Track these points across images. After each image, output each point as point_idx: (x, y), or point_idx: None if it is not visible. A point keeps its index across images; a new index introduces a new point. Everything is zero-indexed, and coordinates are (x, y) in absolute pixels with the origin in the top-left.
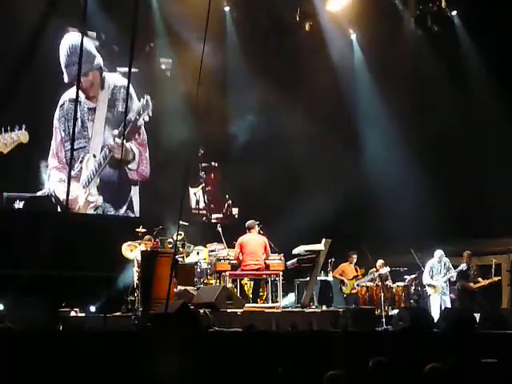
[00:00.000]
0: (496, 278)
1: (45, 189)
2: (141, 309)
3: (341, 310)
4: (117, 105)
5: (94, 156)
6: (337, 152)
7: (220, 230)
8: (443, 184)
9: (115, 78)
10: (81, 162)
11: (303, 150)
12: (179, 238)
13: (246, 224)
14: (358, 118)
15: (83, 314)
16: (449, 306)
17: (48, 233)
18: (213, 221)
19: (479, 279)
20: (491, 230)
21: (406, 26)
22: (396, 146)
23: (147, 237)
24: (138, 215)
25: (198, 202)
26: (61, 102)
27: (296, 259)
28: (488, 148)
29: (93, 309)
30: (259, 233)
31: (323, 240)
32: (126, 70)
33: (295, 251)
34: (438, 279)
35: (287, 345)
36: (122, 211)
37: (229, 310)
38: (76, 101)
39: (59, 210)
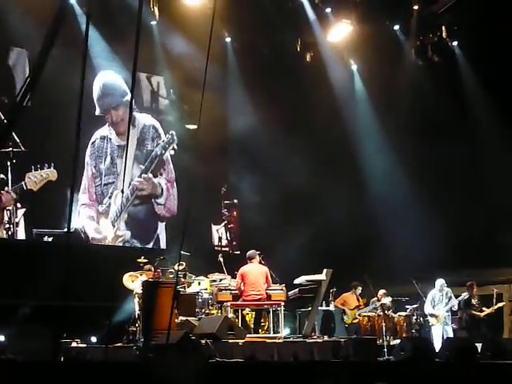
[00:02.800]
0: (501, 304)
1: (75, 225)
2: (142, 339)
3: (342, 340)
4: (146, 144)
5: (122, 191)
6: (339, 182)
7: (221, 260)
8: (444, 215)
9: (145, 118)
10: (109, 197)
11: (305, 180)
12: (181, 268)
13: (247, 254)
14: (360, 149)
15: (84, 345)
16: (451, 335)
17: (51, 263)
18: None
19: (483, 308)
20: (492, 259)
21: (406, 56)
22: (398, 176)
23: (148, 267)
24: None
25: (220, 239)
26: (92, 140)
27: (297, 289)
28: (489, 177)
29: (94, 339)
30: (260, 263)
31: (325, 270)
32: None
33: (297, 281)
34: (439, 309)
35: (289, 375)
36: (149, 246)
37: (230, 341)
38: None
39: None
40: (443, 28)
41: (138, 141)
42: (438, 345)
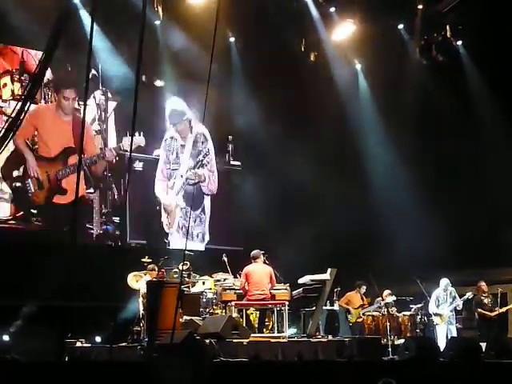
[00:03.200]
0: None
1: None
2: (146, 339)
3: (347, 339)
4: (198, 145)
5: (181, 176)
6: (342, 182)
7: (226, 259)
8: (449, 213)
9: (199, 127)
10: (175, 178)
11: (309, 179)
12: (185, 267)
13: (252, 254)
14: (363, 148)
15: (89, 345)
16: (455, 335)
17: (55, 263)
18: None
19: (496, 308)
20: (497, 259)
21: (410, 55)
22: (402, 175)
23: (152, 266)
24: (208, 219)
25: None
26: (165, 138)
27: (302, 289)
28: (491, 176)
29: (98, 339)
30: (265, 262)
31: (329, 270)
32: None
33: (301, 281)
34: (443, 308)
35: (293, 375)
36: (197, 212)
37: (235, 340)
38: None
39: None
40: (447, 27)
41: (193, 142)
42: (442, 344)
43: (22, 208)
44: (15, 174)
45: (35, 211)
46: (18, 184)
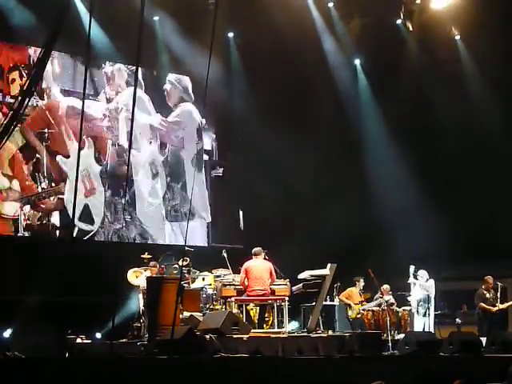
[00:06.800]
0: None
1: None
2: (147, 335)
3: (347, 334)
4: None
5: None
6: (342, 177)
7: (225, 255)
8: (449, 209)
9: None
10: None
11: (309, 175)
12: (185, 263)
13: (253, 250)
14: (364, 145)
15: (89, 341)
16: (432, 328)
17: (54, 260)
18: None
19: (497, 304)
20: (497, 253)
21: (409, 49)
22: (403, 170)
23: (153, 263)
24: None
25: None
26: None
27: (302, 284)
28: (492, 169)
29: (99, 335)
30: (264, 258)
31: (329, 265)
32: None
33: (301, 276)
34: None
35: (293, 370)
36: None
37: (235, 336)
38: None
39: None
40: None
41: None
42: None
43: None
44: None
45: None
46: None
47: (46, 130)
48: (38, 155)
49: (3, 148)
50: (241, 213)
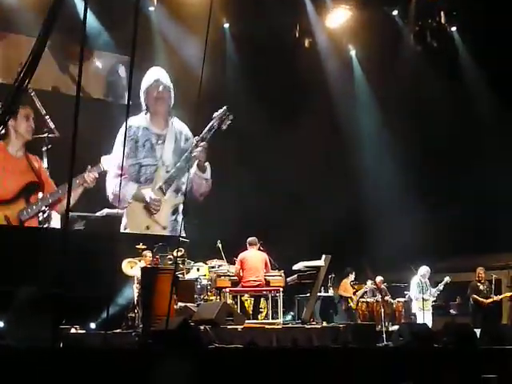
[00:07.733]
0: (508, 294)
1: None
2: (141, 326)
3: (341, 326)
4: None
5: None
6: (336, 169)
7: (220, 246)
8: (443, 199)
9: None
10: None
11: (303, 167)
12: (179, 254)
13: (248, 240)
14: (358, 136)
15: (83, 331)
16: (430, 321)
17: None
18: None
19: (491, 295)
20: (491, 245)
21: (405, 41)
22: (395, 163)
23: (147, 253)
24: None
25: None
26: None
27: (296, 275)
28: (486, 161)
29: (93, 326)
30: (259, 249)
31: (323, 256)
32: None
33: (295, 267)
34: (427, 294)
35: (288, 361)
36: None
37: (229, 327)
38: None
39: None
40: (442, 13)
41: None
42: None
43: None
44: None
45: None
46: None
47: None
48: None
49: None
50: None
